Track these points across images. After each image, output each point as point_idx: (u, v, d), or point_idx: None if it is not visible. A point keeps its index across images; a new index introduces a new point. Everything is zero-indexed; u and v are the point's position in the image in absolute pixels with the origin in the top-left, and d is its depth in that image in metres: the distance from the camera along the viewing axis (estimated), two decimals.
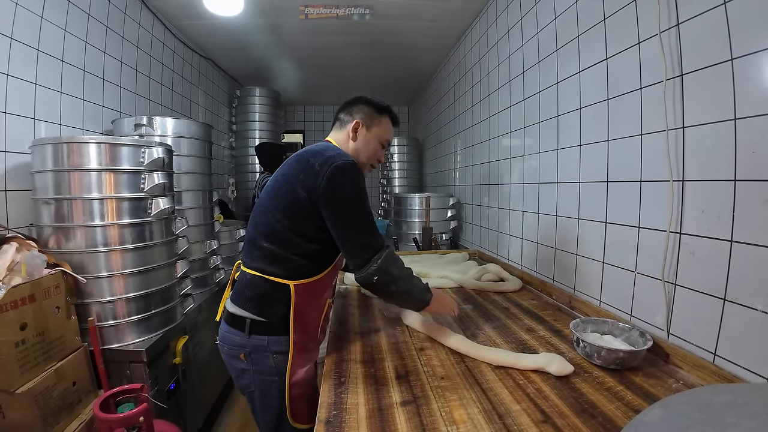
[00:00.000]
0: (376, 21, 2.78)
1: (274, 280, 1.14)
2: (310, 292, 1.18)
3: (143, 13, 2.50)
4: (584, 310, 1.47)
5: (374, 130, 1.30)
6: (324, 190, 1.09)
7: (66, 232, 1.45)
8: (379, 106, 1.32)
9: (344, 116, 1.31)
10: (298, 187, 1.12)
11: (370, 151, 1.32)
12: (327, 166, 1.10)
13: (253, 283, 1.16)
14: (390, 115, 1.34)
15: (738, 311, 0.93)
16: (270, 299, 1.14)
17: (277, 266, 1.14)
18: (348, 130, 1.28)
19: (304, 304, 1.16)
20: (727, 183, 0.96)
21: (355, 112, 1.29)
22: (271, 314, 1.14)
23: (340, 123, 1.32)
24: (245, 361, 1.17)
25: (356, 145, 1.29)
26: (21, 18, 1.61)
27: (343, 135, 1.30)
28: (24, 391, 1.21)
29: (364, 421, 0.84)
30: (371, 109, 1.30)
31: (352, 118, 1.29)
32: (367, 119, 1.29)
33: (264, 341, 1.14)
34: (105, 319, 1.50)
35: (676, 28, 1.09)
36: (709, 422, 0.33)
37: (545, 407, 0.88)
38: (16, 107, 1.60)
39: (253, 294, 1.15)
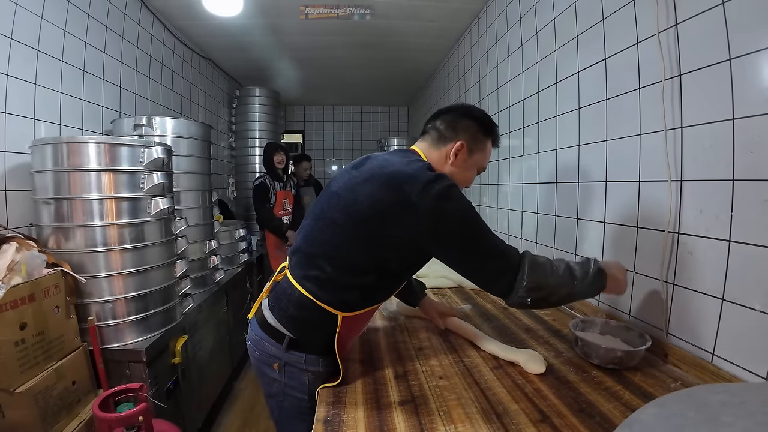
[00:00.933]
0: (375, 21, 2.78)
1: (325, 308, 1.01)
2: (357, 323, 1.09)
3: (143, 13, 2.50)
4: (583, 309, 1.48)
5: (477, 156, 1.12)
6: (431, 227, 0.93)
7: (66, 231, 1.46)
8: (487, 126, 1.13)
9: (445, 130, 1.11)
10: (390, 221, 0.95)
11: (466, 179, 1.15)
12: (427, 197, 0.92)
13: (301, 304, 1.03)
14: (494, 136, 1.16)
15: (736, 311, 0.93)
16: (315, 325, 1.04)
17: (333, 294, 1.02)
18: (448, 150, 1.09)
19: (347, 334, 1.06)
20: (725, 183, 0.96)
21: (461, 129, 1.10)
22: (311, 338, 1.05)
23: (439, 136, 1.11)
24: (278, 371, 1.08)
25: (455, 170, 1.10)
26: (21, 18, 1.61)
27: (439, 153, 1.10)
28: (24, 390, 1.21)
29: (363, 420, 0.84)
30: (478, 128, 1.11)
31: (456, 135, 1.09)
32: (471, 141, 1.10)
33: (302, 359, 1.05)
34: (104, 318, 1.50)
35: (674, 28, 1.09)
36: (705, 421, 0.33)
37: (543, 407, 0.88)
38: (16, 107, 1.60)
39: (299, 315, 1.04)
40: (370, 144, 5.68)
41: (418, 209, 0.92)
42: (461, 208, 0.95)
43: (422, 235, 0.94)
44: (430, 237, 0.94)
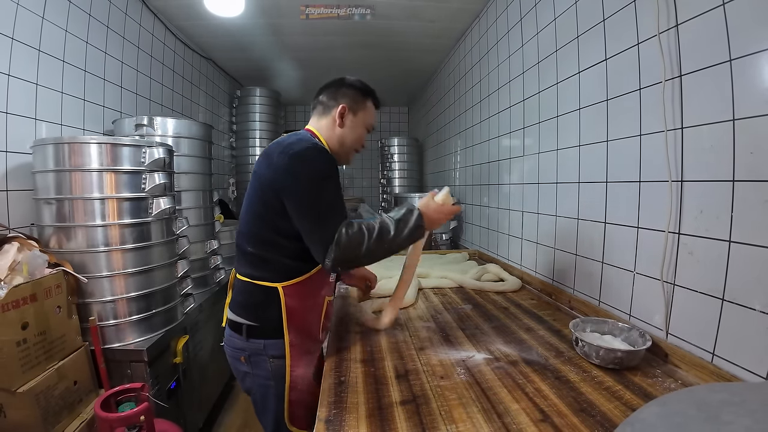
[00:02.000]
0: (376, 22, 2.78)
1: (263, 285, 1.12)
2: (303, 293, 1.16)
3: (144, 13, 2.50)
4: (583, 309, 1.48)
5: (360, 115, 1.26)
6: (282, 182, 1.06)
7: (67, 231, 1.46)
8: (364, 90, 1.27)
9: (327, 100, 1.25)
10: (265, 184, 1.10)
11: (357, 137, 1.27)
12: (285, 155, 1.07)
13: (244, 289, 1.16)
14: (373, 98, 1.30)
15: (736, 311, 0.94)
16: (261, 304, 1.13)
17: (264, 270, 1.13)
18: (333, 115, 1.22)
19: (297, 305, 1.14)
20: (725, 183, 0.97)
21: (340, 96, 1.23)
22: (264, 319, 1.13)
23: (323, 108, 1.25)
24: (246, 364, 1.17)
25: (343, 131, 1.24)
26: (22, 18, 1.61)
27: (327, 121, 1.24)
28: (25, 390, 1.21)
29: (364, 419, 0.85)
30: (356, 92, 1.25)
31: (337, 102, 1.23)
32: (352, 104, 1.24)
33: (261, 345, 1.14)
34: (106, 318, 1.50)
35: (675, 29, 1.10)
36: (706, 420, 0.33)
37: (544, 406, 0.88)
38: (17, 107, 1.61)
39: (245, 300, 1.16)
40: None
41: (278, 167, 1.07)
42: (310, 168, 1.06)
43: (280, 190, 1.06)
44: (282, 191, 1.06)
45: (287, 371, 1.14)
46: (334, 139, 1.24)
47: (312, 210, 1.05)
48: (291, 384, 1.15)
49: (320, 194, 1.05)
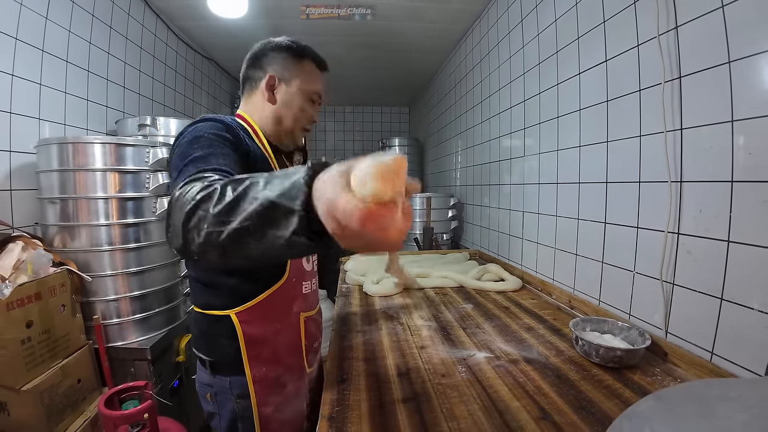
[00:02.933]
0: (377, 22, 2.79)
1: (212, 314, 0.93)
2: (265, 316, 0.95)
3: (146, 13, 2.52)
4: (584, 309, 1.49)
5: (295, 82, 1.00)
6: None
7: (71, 231, 1.47)
8: (296, 49, 1.00)
9: (253, 73, 1.01)
10: None
11: (296, 111, 1.01)
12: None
13: (196, 321, 0.97)
14: (312, 57, 1.03)
15: (735, 310, 0.95)
16: (214, 336, 0.94)
17: (209, 295, 0.93)
18: (261, 89, 0.99)
19: (259, 332, 0.94)
20: (724, 184, 0.98)
21: (266, 64, 0.99)
22: (220, 353, 0.94)
23: (251, 84, 1.02)
24: (212, 402, 0.99)
25: (277, 107, 1.00)
26: (25, 18, 1.62)
27: (256, 98, 1.01)
28: (29, 388, 1.22)
29: (367, 417, 0.86)
30: (286, 56, 1.00)
31: (264, 72, 0.99)
32: (283, 71, 0.99)
33: (226, 383, 0.95)
34: (109, 317, 1.52)
35: (674, 30, 1.11)
36: (702, 414, 0.34)
37: (544, 404, 0.89)
38: (21, 107, 1.61)
39: (199, 333, 0.97)
40: (372, 144, 5.69)
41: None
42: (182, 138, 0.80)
43: None
44: None
45: (254, 413, 0.95)
46: (267, 118, 1.00)
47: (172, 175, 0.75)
48: (262, 427, 0.97)
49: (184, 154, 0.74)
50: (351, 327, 1.40)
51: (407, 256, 2.51)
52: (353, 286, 1.93)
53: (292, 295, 1.01)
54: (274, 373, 0.98)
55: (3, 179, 1.53)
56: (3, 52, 1.53)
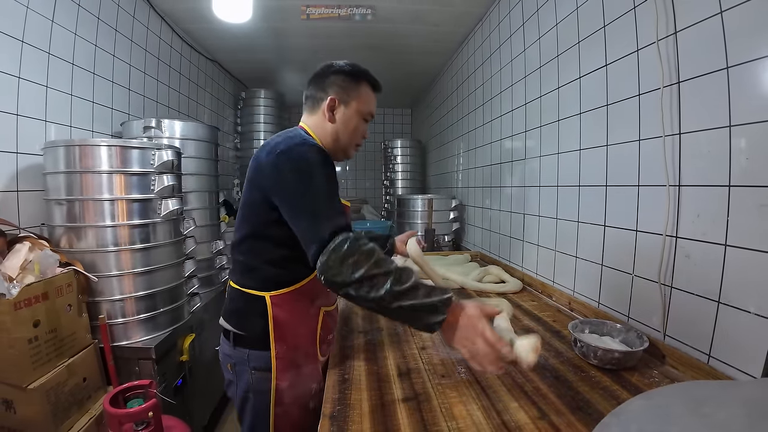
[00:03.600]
0: (379, 25, 2.81)
1: (250, 293, 1.05)
2: (293, 303, 1.07)
3: (151, 16, 2.54)
4: (583, 311, 1.50)
5: (353, 104, 1.11)
6: (269, 181, 0.97)
7: (77, 232, 1.49)
8: (355, 73, 1.12)
9: (315, 92, 1.12)
10: (253, 187, 1.03)
11: (352, 130, 1.13)
12: (272, 155, 0.98)
13: (234, 297, 1.10)
14: (368, 80, 1.14)
15: (731, 313, 0.96)
16: (247, 313, 1.06)
17: (252, 278, 1.06)
18: (323, 109, 1.10)
19: (286, 316, 1.05)
20: (721, 188, 0.99)
21: (328, 86, 1.10)
22: (248, 328, 1.06)
23: (313, 102, 1.13)
24: (231, 371, 1.11)
25: (336, 126, 1.11)
26: (31, 22, 1.64)
27: (317, 117, 1.12)
28: (36, 386, 1.24)
29: (367, 415, 0.87)
30: (345, 79, 1.11)
31: (326, 94, 1.10)
32: (342, 93, 1.10)
33: (245, 355, 1.06)
34: (115, 316, 1.53)
35: (673, 36, 1.12)
36: (687, 412, 0.35)
37: (542, 405, 0.90)
38: (27, 109, 1.64)
39: (233, 308, 1.10)
40: (374, 145, 5.70)
41: (264, 167, 0.99)
42: (299, 163, 0.94)
43: (269, 192, 0.97)
44: (270, 191, 0.97)
45: (272, 384, 1.05)
46: (327, 135, 1.12)
47: (304, 205, 0.93)
48: (276, 398, 1.06)
49: (310, 188, 0.93)
50: (353, 327, 1.42)
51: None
52: None
53: (317, 290, 1.12)
54: (292, 353, 1.07)
55: (9, 180, 1.55)
56: (10, 54, 1.55)
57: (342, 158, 1.20)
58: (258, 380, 1.06)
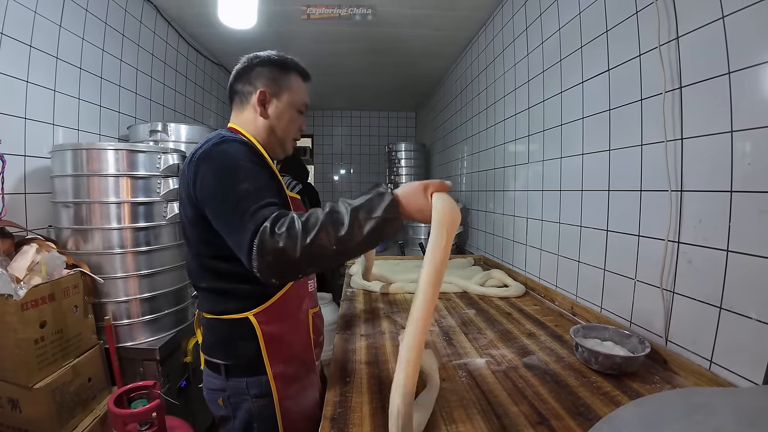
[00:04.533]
0: (383, 29, 2.82)
1: (230, 318, 0.96)
2: (280, 315, 1.00)
3: (158, 21, 2.57)
4: (585, 316, 1.50)
5: (285, 96, 1.04)
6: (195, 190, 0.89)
7: (84, 234, 1.51)
8: (282, 63, 1.04)
9: (243, 88, 1.03)
10: (185, 204, 0.95)
11: (287, 124, 1.06)
12: (192, 163, 0.90)
13: (211, 327, 1.00)
14: (298, 70, 1.07)
15: (733, 319, 0.96)
16: (233, 340, 0.97)
17: (226, 302, 0.97)
18: (252, 104, 1.02)
19: (277, 330, 0.98)
20: (723, 194, 0.99)
21: (255, 78, 1.02)
22: (240, 355, 0.97)
23: (241, 98, 1.04)
24: (224, 407, 1.01)
25: (269, 121, 1.03)
26: (39, 27, 1.66)
27: (247, 113, 1.04)
28: (41, 386, 1.26)
29: (368, 418, 0.88)
30: (273, 69, 1.03)
31: (254, 87, 1.02)
32: (272, 84, 1.03)
33: (243, 384, 0.98)
34: (120, 318, 1.55)
35: (675, 41, 1.12)
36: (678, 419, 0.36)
37: (542, 410, 0.90)
38: (35, 113, 1.66)
39: (215, 339, 1.00)
40: (378, 149, 5.72)
41: (188, 178, 0.91)
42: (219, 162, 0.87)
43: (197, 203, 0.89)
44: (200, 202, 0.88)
45: (276, 408, 0.99)
46: (260, 131, 1.04)
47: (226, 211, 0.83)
48: (283, 420, 1.00)
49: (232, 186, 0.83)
50: (355, 330, 1.42)
51: (412, 261, 2.53)
52: (358, 290, 1.95)
53: (301, 293, 1.07)
54: (291, 369, 1.02)
55: (18, 183, 1.58)
56: (18, 59, 1.58)
57: (280, 154, 1.11)
58: (260, 407, 0.99)
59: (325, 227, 0.74)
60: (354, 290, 1.95)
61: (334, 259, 0.76)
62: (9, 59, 1.53)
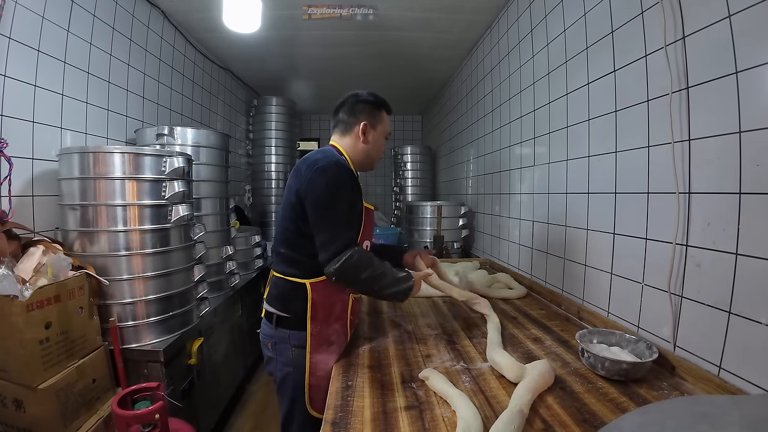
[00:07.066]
0: (388, 33, 2.83)
1: (293, 280, 1.24)
2: (328, 289, 1.24)
3: (165, 26, 2.60)
4: (592, 320, 1.47)
5: (380, 127, 1.36)
6: (304, 191, 1.18)
7: (90, 236, 1.52)
8: (378, 103, 1.36)
9: (347, 118, 1.34)
10: (294, 193, 1.22)
11: (379, 149, 1.39)
12: (311, 169, 1.18)
13: (278, 284, 1.28)
14: (386, 108, 1.39)
15: (742, 324, 0.93)
16: (291, 297, 1.25)
17: (294, 267, 1.25)
18: (356, 132, 1.32)
19: (323, 300, 1.23)
20: (732, 196, 0.97)
21: (358, 113, 1.33)
22: (291, 310, 1.24)
23: (345, 126, 1.34)
24: (271, 350, 1.29)
25: (368, 146, 1.34)
26: (47, 32, 1.68)
27: (350, 139, 1.34)
28: (46, 386, 1.26)
29: (369, 423, 0.87)
30: (371, 107, 1.34)
31: (357, 120, 1.32)
32: (371, 119, 1.33)
33: (286, 334, 1.25)
34: (125, 319, 1.56)
35: (681, 41, 1.11)
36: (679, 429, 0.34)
37: (546, 416, 0.89)
38: (43, 117, 1.67)
39: (278, 292, 1.27)
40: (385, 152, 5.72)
41: (304, 179, 1.18)
42: (329, 182, 1.17)
43: (304, 199, 1.18)
44: (305, 199, 1.18)
45: (307, 358, 1.22)
46: (359, 153, 1.34)
47: (327, 217, 1.17)
48: (311, 369, 1.23)
49: (336, 205, 1.17)
50: (359, 334, 1.42)
51: None
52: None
53: None
54: (326, 332, 1.24)
55: (25, 185, 1.59)
56: (26, 63, 1.60)
57: (369, 170, 1.45)
58: (296, 356, 1.24)
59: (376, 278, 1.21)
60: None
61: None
62: (17, 63, 1.55)
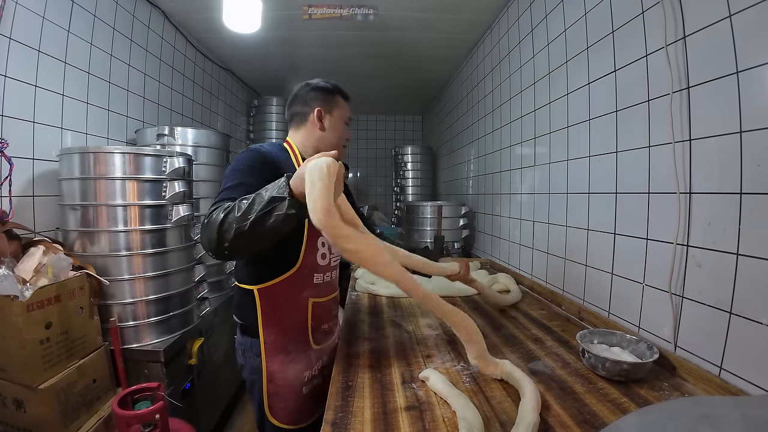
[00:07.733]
0: (388, 33, 2.83)
1: (243, 287, 1.22)
2: (278, 295, 1.20)
3: (166, 26, 2.61)
4: (593, 321, 1.47)
5: (336, 112, 1.30)
6: None
7: (91, 236, 1.53)
8: (331, 88, 1.31)
9: (300, 108, 1.29)
10: None
11: (339, 134, 1.32)
12: None
13: (235, 291, 1.28)
14: (340, 92, 1.34)
15: (743, 325, 0.93)
16: (243, 304, 1.23)
17: (243, 273, 1.23)
18: (311, 120, 1.27)
19: (274, 306, 1.20)
20: (733, 196, 0.97)
21: (311, 100, 1.28)
22: (246, 318, 1.23)
23: (300, 117, 1.29)
24: (242, 356, 1.28)
25: (325, 133, 1.28)
26: (48, 32, 1.68)
27: (306, 129, 1.29)
28: (46, 387, 1.26)
29: (369, 423, 0.87)
30: (324, 93, 1.29)
31: (311, 108, 1.27)
32: (325, 104, 1.28)
33: (248, 342, 1.24)
34: (125, 319, 1.56)
35: (682, 41, 1.10)
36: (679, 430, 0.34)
37: (547, 416, 0.89)
38: (44, 117, 1.68)
39: (235, 301, 1.27)
40: (385, 152, 5.73)
41: None
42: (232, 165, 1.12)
43: None
44: None
45: (263, 368, 1.21)
46: (316, 141, 1.29)
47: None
48: (268, 378, 1.21)
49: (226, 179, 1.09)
50: (359, 334, 1.41)
51: None
52: (362, 293, 1.94)
53: (302, 283, 1.24)
54: (281, 340, 1.21)
55: (26, 186, 1.60)
56: (26, 64, 1.60)
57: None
58: (257, 364, 1.22)
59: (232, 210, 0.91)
60: (358, 294, 1.95)
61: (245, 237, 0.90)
62: (18, 64, 1.56)
